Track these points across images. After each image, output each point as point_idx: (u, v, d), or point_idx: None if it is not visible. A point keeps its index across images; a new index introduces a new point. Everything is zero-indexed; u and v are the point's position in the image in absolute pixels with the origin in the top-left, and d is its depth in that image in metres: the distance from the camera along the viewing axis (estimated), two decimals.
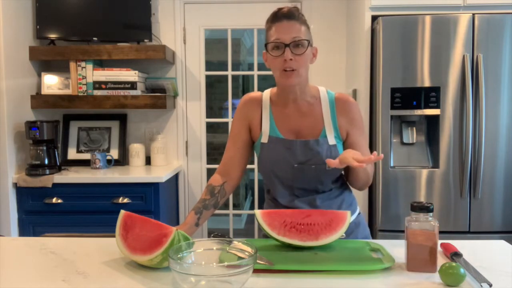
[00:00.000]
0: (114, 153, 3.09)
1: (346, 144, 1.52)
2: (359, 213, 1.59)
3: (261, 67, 3.31)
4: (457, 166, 2.39)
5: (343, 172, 1.57)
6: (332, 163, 1.28)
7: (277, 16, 1.43)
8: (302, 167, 1.46)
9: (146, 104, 2.88)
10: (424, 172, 2.41)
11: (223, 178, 1.56)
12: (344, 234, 1.39)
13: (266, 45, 1.45)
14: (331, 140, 1.47)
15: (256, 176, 3.35)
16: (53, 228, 2.35)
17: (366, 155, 1.46)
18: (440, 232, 1.11)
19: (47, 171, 2.70)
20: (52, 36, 2.94)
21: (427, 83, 2.38)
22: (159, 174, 2.74)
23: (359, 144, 1.50)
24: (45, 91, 2.95)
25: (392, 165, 2.42)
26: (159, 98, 2.89)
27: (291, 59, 1.39)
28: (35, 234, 2.62)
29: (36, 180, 2.64)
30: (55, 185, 2.64)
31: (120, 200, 2.66)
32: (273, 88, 1.59)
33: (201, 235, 3.27)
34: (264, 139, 1.51)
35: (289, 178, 1.49)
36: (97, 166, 2.91)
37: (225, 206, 3.56)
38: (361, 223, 1.57)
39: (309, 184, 1.49)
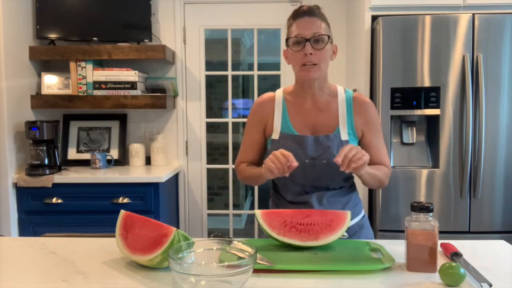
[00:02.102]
0: (114, 153, 3.10)
1: (361, 144, 1.54)
2: (363, 216, 1.60)
3: (261, 67, 3.31)
4: (457, 166, 2.39)
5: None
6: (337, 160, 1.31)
7: (298, 13, 1.47)
8: (314, 163, 1.47)
9: (146, 104, 2.88)
10: (424, 172, 2.41)
11: None
12: (346, 234, 1.39)
13: (287, 41, 1.49)
14: (344, 136, 1.49)
15: None
16: (53, 228, 2.35)
17: (383, 156, 1.52)
18: (440, 232, 1.11)
19: (47, 171, 2.70)
20: (52, 36, 2.94)
21: (427, 83, 2.39)
22: (159, 174, 2.74)
23: (373, 145, 1.52)
24: (45, 91, 2.95)
25: (392, 165, 2.42)
26: (159, 98, 2.89)
27: (311, 54, 1.42)
28: (35, 234, 2.62)
29: (36, 180, 2.64)
30: (55, 185, 2.64)
31: (120, 200, 2.66)
32: (287, 86, 1.61)
33: (201, 235, 3.27)
34: (275, 135, 1.53)
35: (300, 175, 1.48)
36: (97, 166, 2.91)
37: (225, 206, 3.56)
38: (365, 225, 1.57)
39: (320, 181, 1.49)
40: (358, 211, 1.56)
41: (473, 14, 2.36)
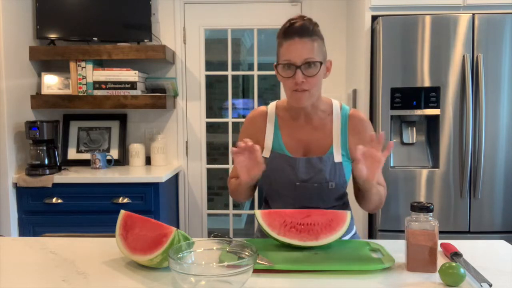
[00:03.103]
0: (114, 153, 3.10)
1: (355, 164, 1.49)
2: (355, 233, 1.55)
3: (261, 67, 3.31)
4: (457, 166, 2.39)
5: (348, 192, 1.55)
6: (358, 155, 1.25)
7: (289, 33, 1.35)
8: (305, 185, 1.42)
9: (146, 104, 2.88)
10: (424, 172, 2.41)
11: None
12: None
13: (276, 66, 1.40)
14: (337, 157, 1.43)
15: None
16: (53, 228, 2.35)
17: (379, 177, 1.41)
18: (440, 232, 1.11)
19: (47, 171, 2.70)
20: (52, 36, 2.94)
21: (427, 83, 2.38)
22: (159, 174, 2.74)
23: None
24: (45, 91, 2.95)
25: (392, 165, 2.42)
26: (159, 98, 2.89)
27: (302, 81, 1.34)
28: (35, 234, 2.62)
29: (36, 180, 2.64)
30: (55, 185, 2.64)
31: (120, 200, 2.66)
32: (280, 100, 1.55)
33: (201, 235, 3.27)
34: (266, 153, 1.47)
35: (290, 196, 1.45)
36: (97, 166, 2.91)
37: (225, 206, 3.56)
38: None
39: (311, 203, 1.45)
40: (350, 229, 1.51)
41: (473, 14, 2.36)
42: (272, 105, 1.54)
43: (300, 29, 1.33)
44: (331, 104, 1.49)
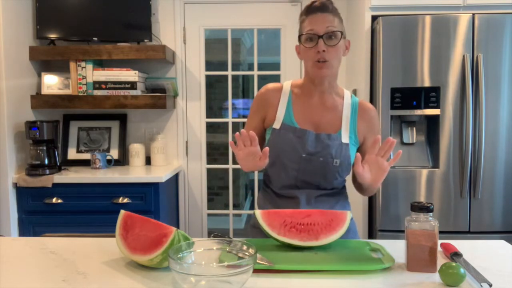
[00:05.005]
0: (114, 153, 3.09)
1: (361, 149, 1.54)
2: (351, 219, 1.58)
3: (261, 67, 3.31)
4: (457, 166, 2.39)
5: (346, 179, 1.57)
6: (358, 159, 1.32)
7: (311, 9, 1.46)
8: (310, 158, 1.47)
9: (146, 104, 2.88)
10: (424, 172, 2.41)
11: None
12: None
13: (299, 37, 1.48)
14: (345, 139, 1.49)
15: (256, 176, 3.35)
16: (53, 228, 2.35)
17: None
18: (440, 232, 1.11)
19: (47, 171, 2.70)
20: (52, 36, 2.94)
21: (427, 83, 2.39)
22: (159, 174, 2.74)
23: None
24: (45, 91, 2.95)
25: (392, 165, 2.42)
26: (159, 98, 2.89)
27: (324, 51, 1.42)
28: (35, 234, 2.62)
29: (36, 180, 2.64)
30: (55, 185, 2.64)
31: (120, 200, 2.66)
32: (295, 80, 1.60)
33: (201, 235, 3.27)
34: (277, 125, 1.51)
35: (294, 168, 1.49)
36: (97, 166, 2.91)
37: (225, 206, 3.56)
38: (351, 229, 1.56)
39: (313, 178, 1.49)
40: None
41: (473, 14, 2.36)
42: (288, 82, 1.60)
43: (321, 5, 1.45)
44: (343, 91, 1.58)
